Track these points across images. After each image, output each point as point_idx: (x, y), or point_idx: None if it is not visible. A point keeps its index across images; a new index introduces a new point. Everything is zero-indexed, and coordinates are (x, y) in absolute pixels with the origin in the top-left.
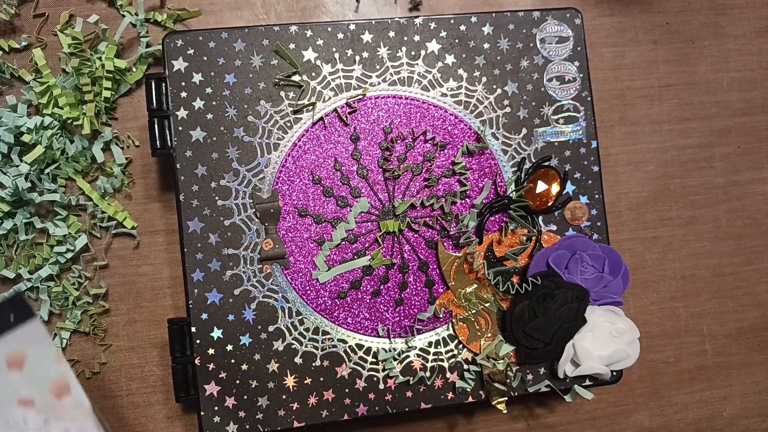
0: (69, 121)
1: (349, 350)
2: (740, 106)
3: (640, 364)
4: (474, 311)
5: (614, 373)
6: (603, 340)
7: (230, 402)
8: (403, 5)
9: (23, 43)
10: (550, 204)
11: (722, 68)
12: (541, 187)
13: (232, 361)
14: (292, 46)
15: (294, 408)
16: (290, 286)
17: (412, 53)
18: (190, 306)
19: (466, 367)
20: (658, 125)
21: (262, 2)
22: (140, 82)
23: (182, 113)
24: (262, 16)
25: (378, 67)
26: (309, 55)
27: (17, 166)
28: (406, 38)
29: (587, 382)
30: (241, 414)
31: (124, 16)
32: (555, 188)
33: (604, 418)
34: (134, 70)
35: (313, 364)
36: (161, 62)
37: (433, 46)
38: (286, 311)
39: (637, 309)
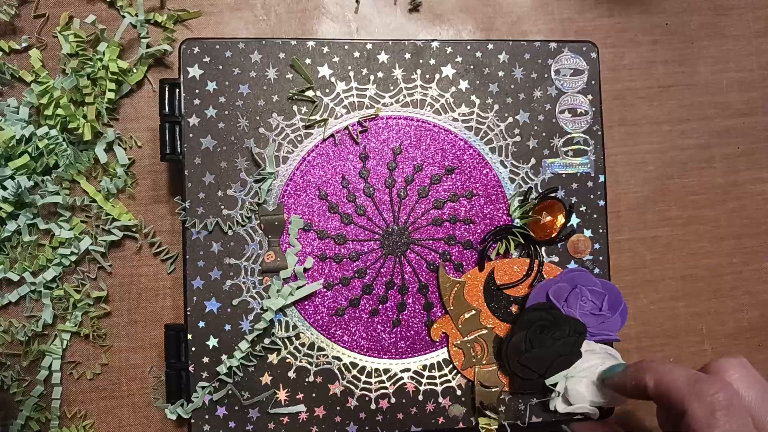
0: (69, 124)
1: (343, 368)
2: (740, 106)
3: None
4: (471, 337)
5: (605, 410)
6: (597, 387)
7: (221, 412)
8: (402, 6)
9: (24, 44)
10: (554, 235)
11: (722, 69)
12: (545, 218)
13: (226, 371)
14: (308, 61)
15: (284, 422)
16: None
17: (427, 76)
18: (188, 313)
19: (459, 392)
20: (657, 126)
21: (262, 3)
22: (141, 82)
23: (194, 120)
24: (262, 17)
25: (392, 87)
26: (324, 71)
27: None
28: (421, 61)
29: (578, 416)
30: (232, 425)
31: (124, 17)
32: (560, 220)
33: None
34: (135, 70)
35: (306, 380)
36: (161, 63)
37: (448, 71)
38: (283, 325)
39: (637, 309)
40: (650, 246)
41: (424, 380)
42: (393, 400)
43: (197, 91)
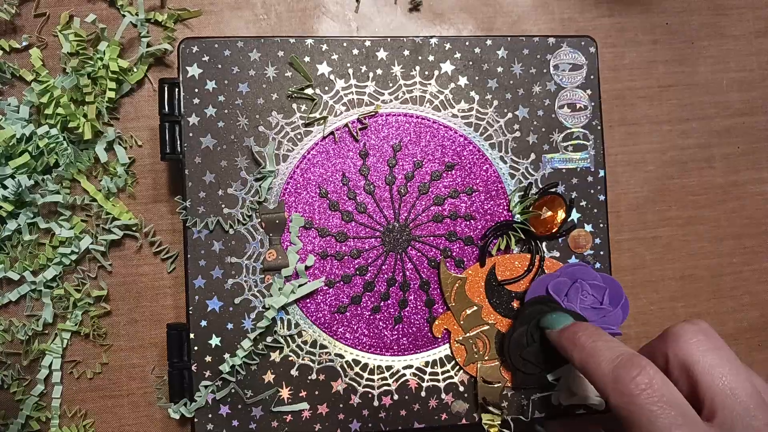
0: (69, 123)
1: (345, 365)
2: (740, 106)
3: None
4: (473, 333)
5: None
6: None
7: (224, 410)
8: (403, 5)
9: (24, 43)
10: (554, 230)
11: (722, 69)
12: (546, 213)
13: (228, 369)
14: (306, 59)
15: (287, 420)
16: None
17: (426, 73)
18: (190, 312)
19: (461, 389)
20: (657, 125)
21: (262, 2)
22: (141, 81)
23: (194, 119)
24: (262, 16)
25: (391, 84)
26: (323, 68)
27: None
28: (420, 57)
29: (581, 411)
30: (235, 423)
31: (124, 16)
32: (560, 215)
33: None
34: (135, 70)
35: (309, 377)
36: (162, 62)
37: (447, 67)
38: (285, 323)
39: (637, 309)
40: (650, 246)
41: (426, 377)
42: (396, 396)
43: (197, 90)
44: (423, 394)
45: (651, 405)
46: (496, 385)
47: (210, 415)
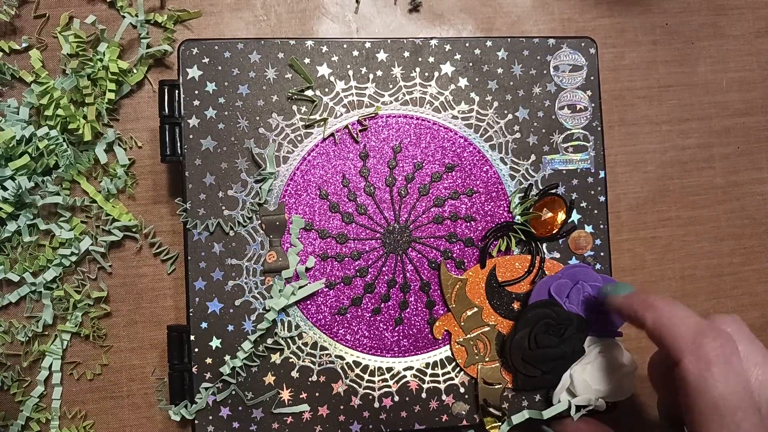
0: (69, 124)
1: (346, 367)
2: (739, 106)
3: (642, 365)
4: (473, 335)
5: (609, 405)
6: (601, 374)
7: (225, 412)
8: (402, 6)
9: (24, 45)
10: (555, 232)
11: (721, 69)
12: (546, 214)
13: (229, 371)
14: (306, 60)
15: (288, 422)
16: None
17: (426, 74)
18: (191, 314)
19: (462, 390)
20: (657, 126)
21: (262, 3)
22: (141, 83)
23: (194, 121)
24: (262, 17)
25: (391, 86)
26: (323, 70)
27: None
28: (420, 59)
29: (582, 411)
30: (235, 425)
31: (124, 17)
32: (561, 216)
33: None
34: (135, 71)
35: (310, 379)
36: (162, 63)
37: (447, 68)
38: (286, 325)
39: None
40: (650, 246)
41: (427, 378)
42: (396, 398)
43: (197, 92)
44: (424, 395)
45: (725, 380)
46: (496, 387)
47: (210, 417)
